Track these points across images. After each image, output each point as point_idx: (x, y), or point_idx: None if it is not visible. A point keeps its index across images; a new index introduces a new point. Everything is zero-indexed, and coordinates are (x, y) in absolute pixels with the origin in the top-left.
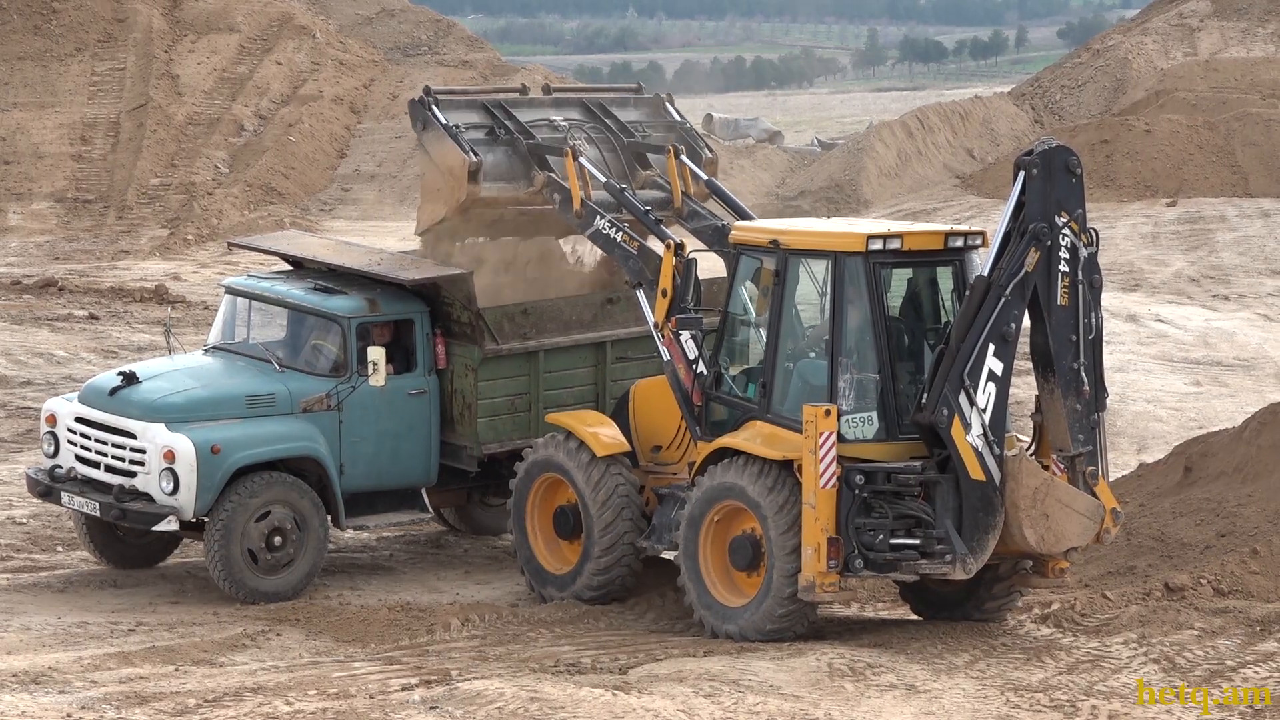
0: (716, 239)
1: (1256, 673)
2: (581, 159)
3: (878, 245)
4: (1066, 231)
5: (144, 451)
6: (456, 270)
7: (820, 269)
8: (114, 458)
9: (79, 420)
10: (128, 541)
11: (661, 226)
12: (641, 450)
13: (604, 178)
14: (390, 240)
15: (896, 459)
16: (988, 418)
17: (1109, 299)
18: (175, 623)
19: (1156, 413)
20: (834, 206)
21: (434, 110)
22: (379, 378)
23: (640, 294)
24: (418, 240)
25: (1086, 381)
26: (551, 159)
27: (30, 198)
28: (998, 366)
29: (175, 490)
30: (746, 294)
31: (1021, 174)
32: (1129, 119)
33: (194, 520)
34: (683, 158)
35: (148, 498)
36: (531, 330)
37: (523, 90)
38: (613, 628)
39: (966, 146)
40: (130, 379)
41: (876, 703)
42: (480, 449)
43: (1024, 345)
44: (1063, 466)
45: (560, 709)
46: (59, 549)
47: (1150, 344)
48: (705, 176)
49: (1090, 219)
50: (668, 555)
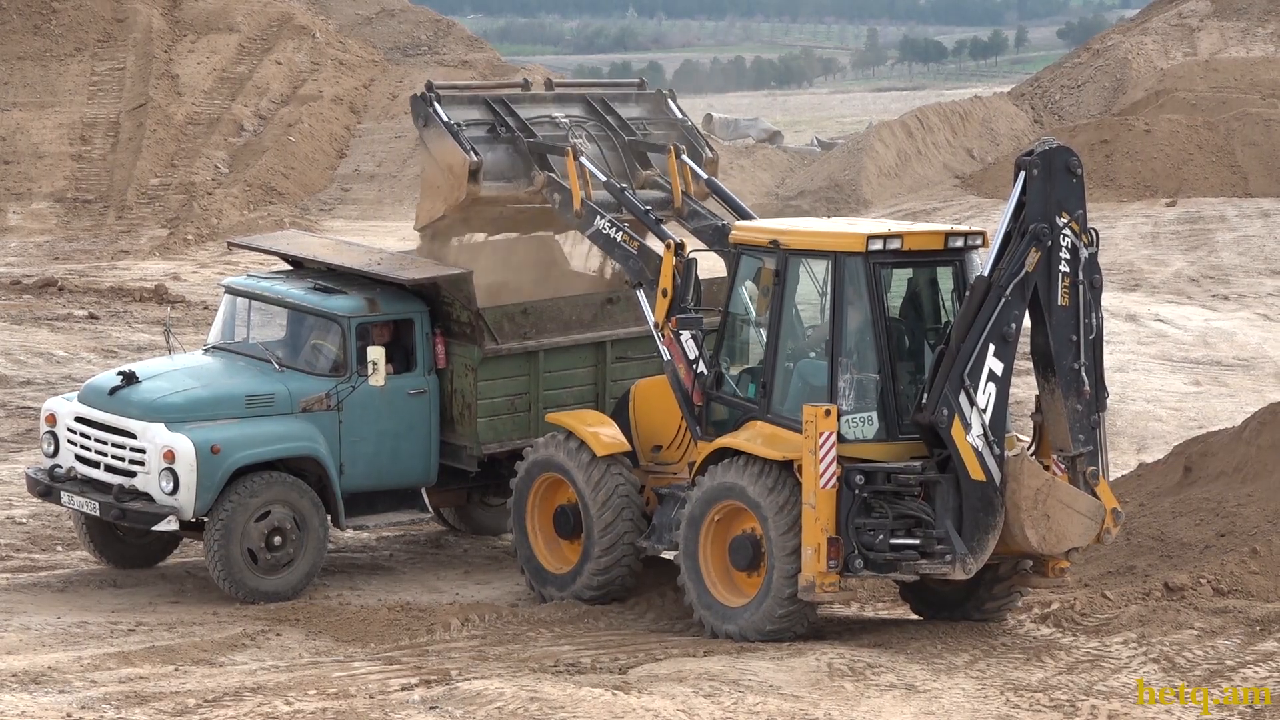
0: (717, 239)
1: (1256, 672)
2: (582, 158)
3: (878, 245)
4: (1067, 232)
5: (144, 451)
6: (456, 270)
7: (820, 269)
8: (114, 457)
9: (79, 420)
10: (127, 541)
11: (662, 226)
12: (642, 450)
13: (604, 177)
14: (390, 240)
15: (897, 459)
16: (988, 418)
17: (1109, 299)
18: (175, 622)
19: (1156, 413)
20: (834, 206)
21: (436, 107)
22: (379, 377)
23: (640, 294)
24: (417, 240)
25: (1087, 381)
26: (552, 158)
27: (30, 198)
28: (998, 366)
29: (175, 490)
30: (747, 294)
31: (1022, 174)
32: (1129, 119)
33: (194, 520)
34: (683, 157)
35: (147, 497)
36: (531, 330)
37: (525, 85)
38: (613, 627)
39: (966, 146)
40: (130, 379)
41: (876, 703)
42: (480, 449)
43: (1024, 345)
44: (1063, 466)
45: (560, 709)
46: (59, 549)
47: (1150, 344)
48: (706, 176)
49: (1090, 219)
50: (667, 555)
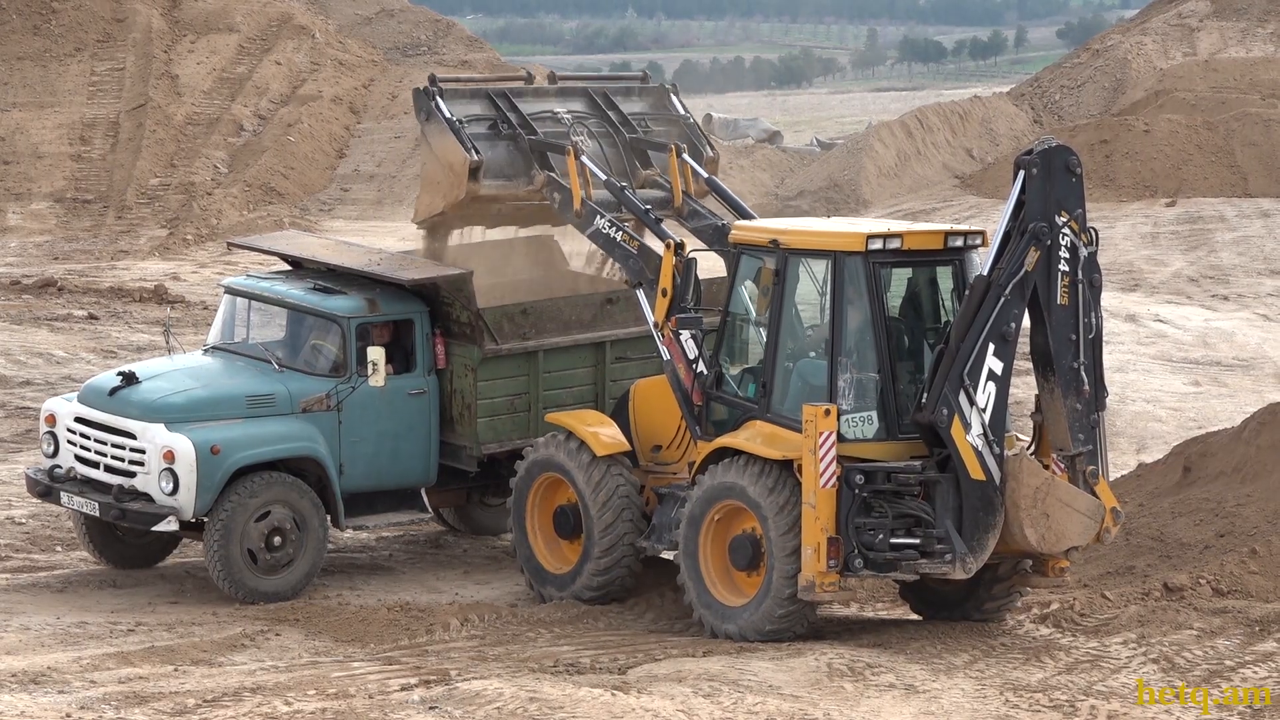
0: (717, 238)
1: (1255, 673)
2: (583, 157)
3: (878, 245)
4: (1066, 231)
5: (144, 451)
6: (456, 270)
7: (820, 268)
8: (113, 458)
9: (78, 420)
10: (127, 541)
11: (661, 226)
12: (641, 450)
13: (604, 176)
14: (389, 240)
15: (896, 458)
16: (988, 417)
17: (1108, 299)
18: (174, 623)
19: (1156, 413)
20: (833, 206)
21: (438, 101)
22: (378, 378)
23: (640, 294)
24: (417, 240)
25: (1086, 381)
26: (553, 156)
27: (29, 198)
28: (998, 366)
29: (175, 490)
30: (747, 293)
31: (1021, 173)
32: (1128, 119)
33: (193, 520)
34: (684, 156)
35: (147, 498)
36: (531, 330)
37: (528, 79)
38: (612, 628)
39: (966, 146)
40: (130, 379)
41: (876, 703)
42: (480, 449)
43: (1024, 345)
44: (1063, 466)
45: (559, 709)
46: (58, 549)
47: (1149, 344)
48: (706, 175)
49: (1090, 219)
50: (667, 555)
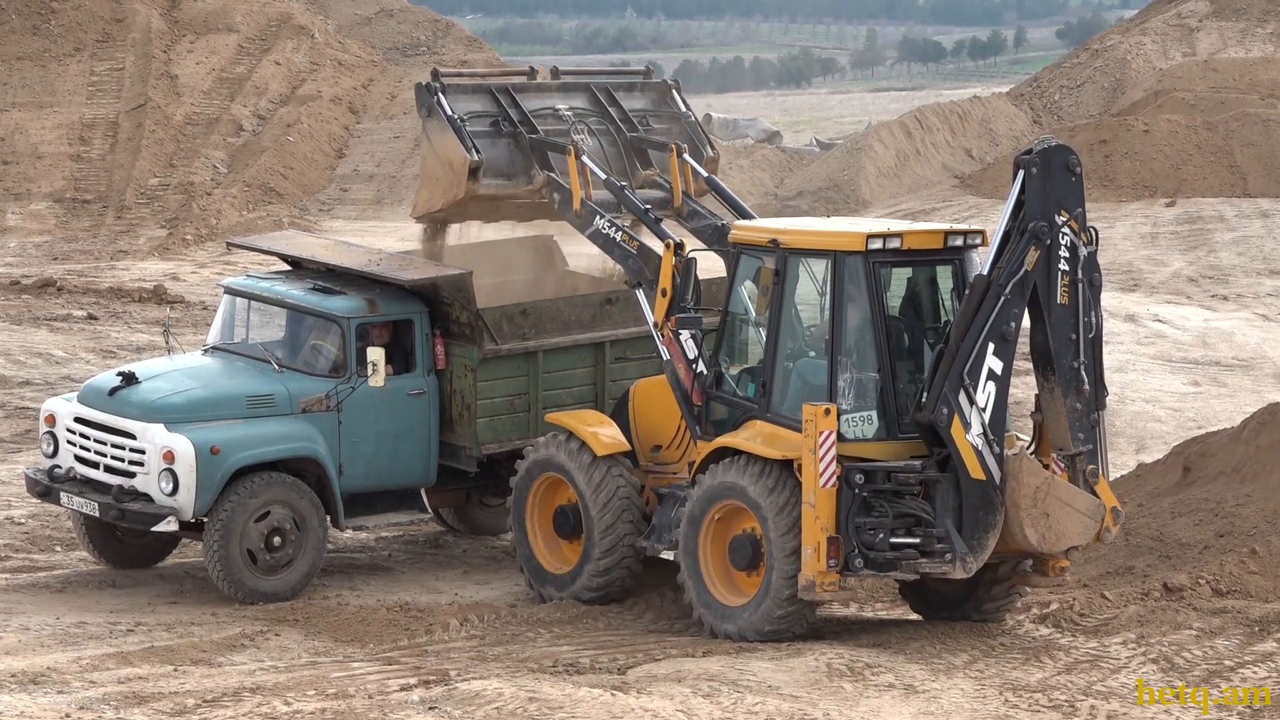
0: (716, 238)
1: (1255, 673)
2: (584, 157)
3: (877, 244)
4: (1066, 230)
5: (143, 452)
6: (456, 271)
7: (820, 268)
8: (113, 458)
9: (78, 420)
10: (126, 542)
11: (661, 226)
12: (641, 450)
13: (604, 175)
14: (389, 240)
15: (896, 458)
16: (987, 416)
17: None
18: (174, 623)
19: (1155, 413)
20: (832, 206)
21: (440, 98)
22: (378, 378)
23: (640, 294)
24: (417, 240)
25: (1086, 380)
26: (553, 155)
27: (29, 198)
28: (997, 365)
29: (175, 491)
30: (746, 293)
31: (1021, 173)
32: (1128, 119)
33: (193, 520)
34: (685, 156)
35: (147, 498)
36: (530, 330)
37: (531, 73)
38: (611, 628)
39: (965, 146)
40: (129, 379)
41: (875, 703)
42: (479, 449)
43: (1024, 344)
44: (1063, 465)
45: (559, 709)
46: (58, 549)
47: (1149, 344)
48: (706, 174)
49: (1089, 219)
50: (667, 555)
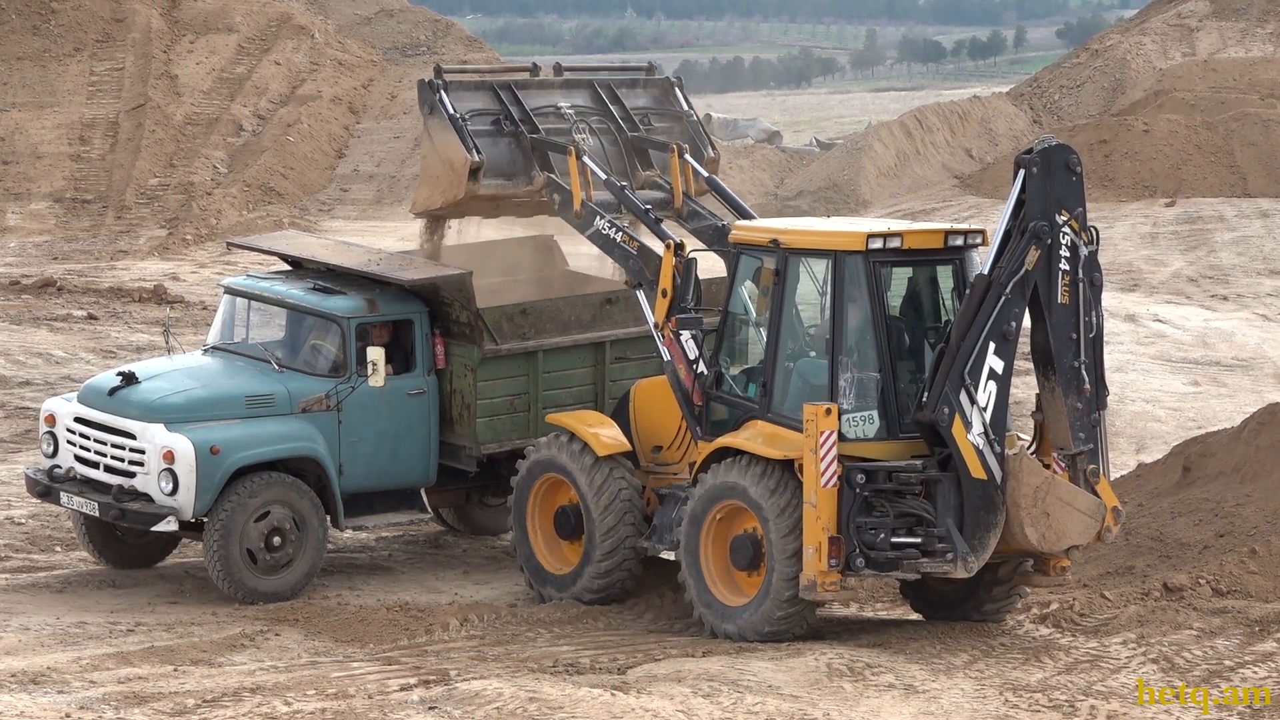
0: (716, 239)
1: (1255, 673)
2: (584, 158)
3: (878, 244)
4: (1067, 229)
5: (143, 452)
6: (456, 271)
7: (820, 268)
8: (113, 458)
9: (78, 420)
10: (126, 542)
11: (662, 226)
12: (642, 450)
13: (604, 175)
14: (389, 240)
15: (897, 458)
16: (988, 416)
17: (1107, 299)
18: (174, 623)
19: (1155, 413)
20: (832, 206)
21: (442, 96)
22: (378, 378)
23: (640, 294)
24: (417, 240)
25: (1087, 380)
26: (554, 155)
27: (29, 198)
28: (998, 365)
29: (174, 490)
30: (747, 293)
31: (1021, 172)
32: (1127, 119)
33: (193, 520)
34: (686, 157)
35: (147, 498)
36: (530, 330)
37: (534, 69)
38: (611, 628)
39: (965, 146)
40: (129, 379)
41: (875, 703)
42: (479, 449)
43: (1024, 344)
44: (1064, 465)
45: (559, 709)
46: (58, 549)
47: (1149, 344)
48: (707, 174)
49: (1089, 219)
50: (667, 555)
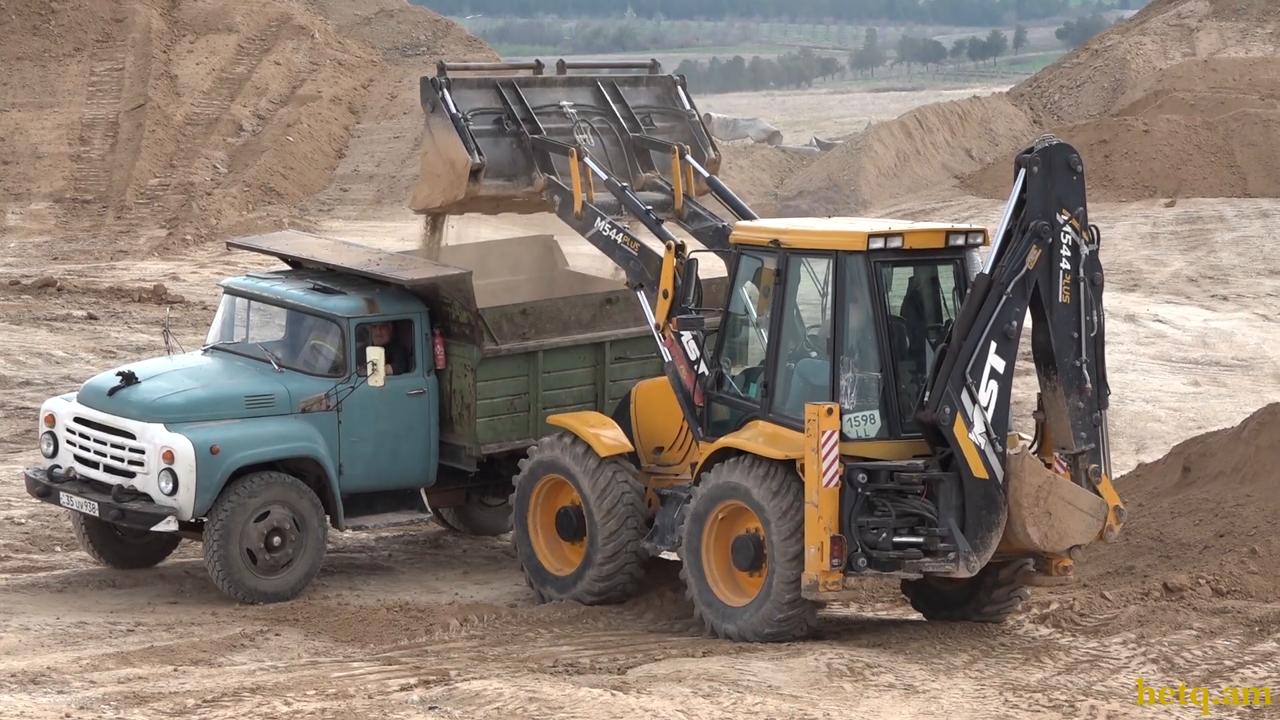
0: (717, 239)
1: (1255, 673)
2: (586, 159)
3: (879, 244)
4: (1068, 229)
5: (143, 452)
6: (456, 271)
7: (821, 268)
8: (113, 458)
9: (78, 420)
10: (126, 541)
11: (662, 227)
12: (643, 451)
13: (605, 176)
14: (389, 240)
15: (899, 457)
16: (990, 415)
17: (1107, 299)
18: (174, 623)
19: (1155, 413)
20: (832, 206)
21: (445, 95)
22: (378, 378)
23: (641, 295)
24: (417, 240)
25: (1089, 379)
26: (555, 156)
27: (29, 198)
28: (1000, 364)
29: (174, 490)
30: (747, 294)
31: (1022, 171)
32: (1127, 119)
33: (193, 520)
34: (687, 158)
35: (147, 498)
36: (530, 330)
37: (537, 68)
38: (611, 628)
39: (965, 147)
40: (129, 379)
41: (875, 703)
42: (479, 449)
43: (1025, 344)
44: (1065, 464)
45: (559, 709)
46: (57, 549)
47: (1149, 344)
48: (707, 175)
49: (1089, 219)
50: (668, 556)
